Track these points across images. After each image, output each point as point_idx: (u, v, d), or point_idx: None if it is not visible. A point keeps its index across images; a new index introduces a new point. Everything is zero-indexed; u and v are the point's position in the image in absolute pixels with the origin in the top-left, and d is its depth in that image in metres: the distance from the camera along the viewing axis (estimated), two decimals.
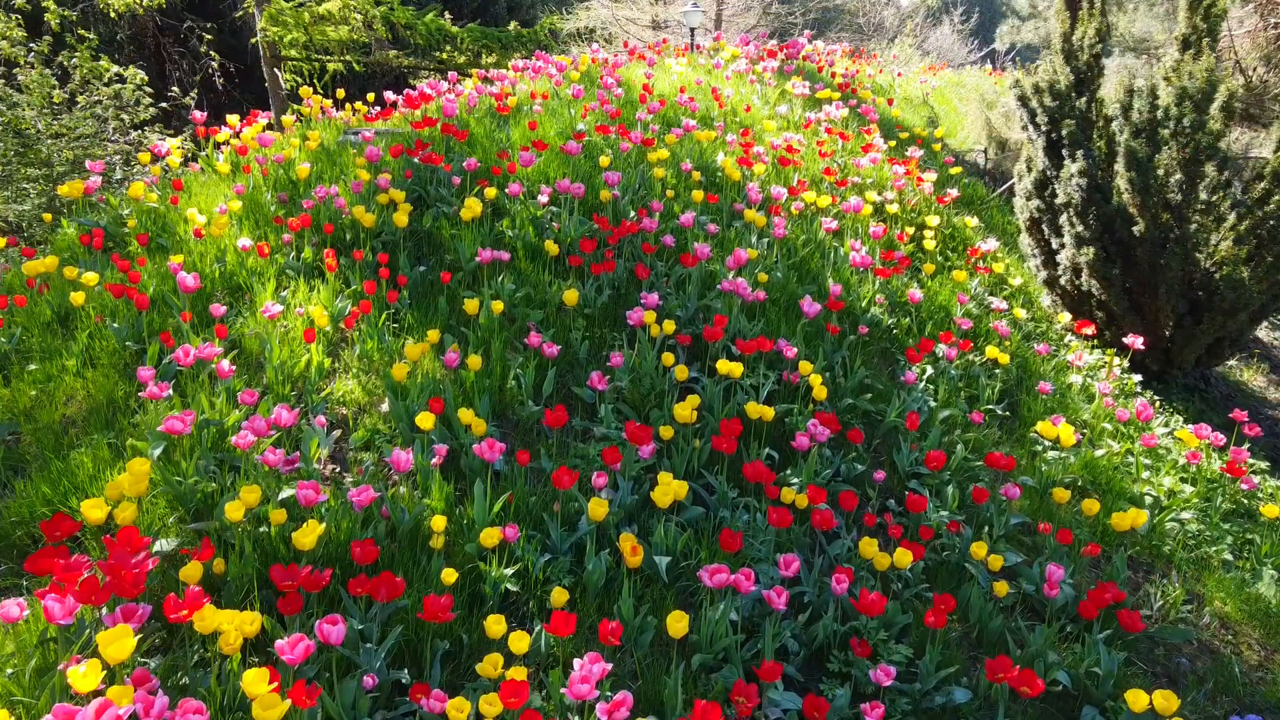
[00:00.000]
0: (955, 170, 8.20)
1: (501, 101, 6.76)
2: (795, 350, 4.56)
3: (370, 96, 8.25)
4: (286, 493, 3.50)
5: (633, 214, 5.56)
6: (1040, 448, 5.16)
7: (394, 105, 7.71)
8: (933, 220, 6.57)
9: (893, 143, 7.94)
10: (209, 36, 12.80)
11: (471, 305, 4.41)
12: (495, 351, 4.51)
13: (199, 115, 6.62)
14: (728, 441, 3.83)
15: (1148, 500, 4.93)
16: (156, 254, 5.41)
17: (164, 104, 11.71)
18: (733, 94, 7.94)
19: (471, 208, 5.05)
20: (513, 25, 14.09)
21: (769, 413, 4.07)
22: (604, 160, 5.75)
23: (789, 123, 7.89)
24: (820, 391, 4.35)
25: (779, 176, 6.67)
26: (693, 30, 16.94)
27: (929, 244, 6.36)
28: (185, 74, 17.25)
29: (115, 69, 11.22)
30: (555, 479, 3.45)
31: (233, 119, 6.67)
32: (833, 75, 9.55)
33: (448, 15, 15.33)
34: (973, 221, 6.86)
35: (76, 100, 11.00)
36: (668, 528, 3.55)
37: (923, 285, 6.16)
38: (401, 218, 4.93)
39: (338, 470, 4.02)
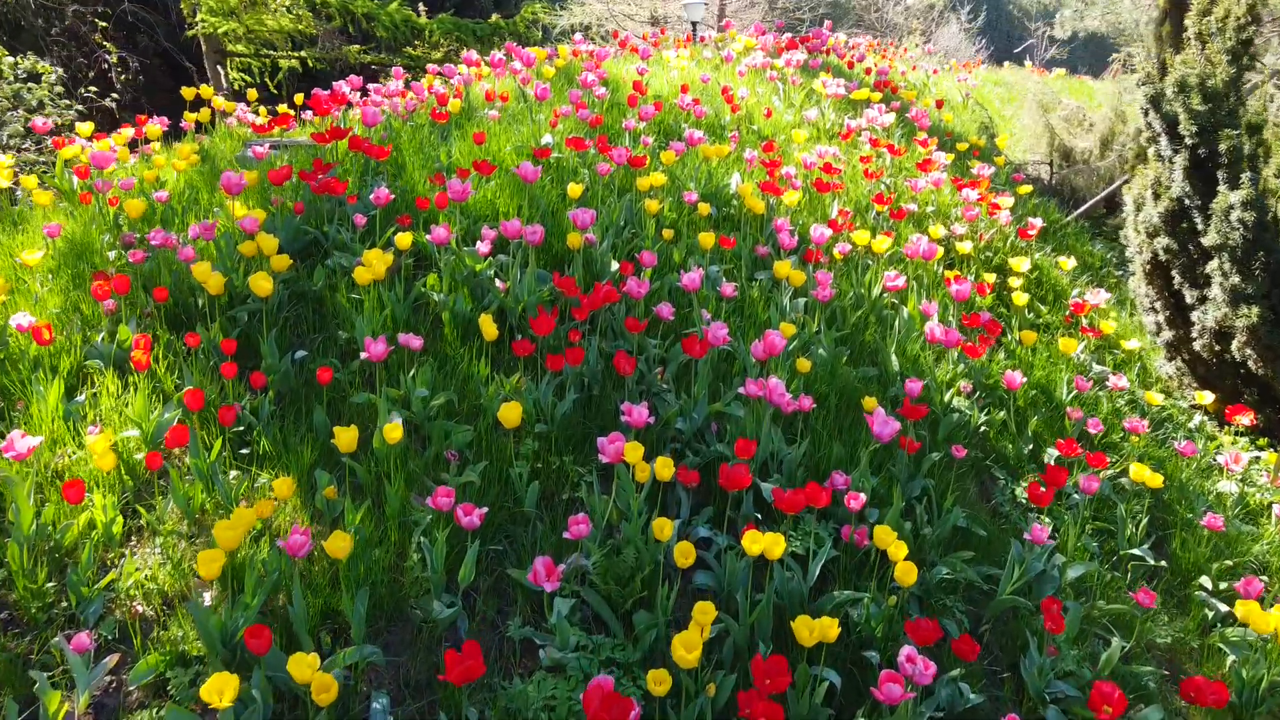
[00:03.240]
0: (1024, 189, 6.53)
1: (442, 105, 5.09)
2: (862, 499, 2.90)
3: (298, 98, 6.58)
4: None
5: (614, 268, 3.90)
6: (1209, 611, 3.51)
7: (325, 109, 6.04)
8: (1019, 263, 4.90)
9: (950, 156, 6.27)
10: (103, 24, 11.10)
11: (346, 438, 2.74)
12: (393, 503, 2.86)
13: (41, 124, 4.98)
14: (764, 705, 2.17)
15: None
16: None
17: (79, 106, 10.04)
18: (748, 94, 6.28)
19: (371, 266, 3.39)
20: (495, 18, 12.46)
21: (831, 631, 2.41)
22: (574, 189, 4.09)
23: (820, 131, 6.22)
24: (906, 573, 2.68)
25: (814, 207, 5.00)
26: (695, 25, 15.40)
27: (1018, 298, 4.69)
28: (131, 72, 15.64)
29: (21, 62, 9.56)
30: None
31: (85, 128, 5.02)
32: (867, 72, 7.88)
33: (422, 7, 13.75)
34: (1069, 263, 5.19)
35: None
36: None
37: (1017, 359, 4.50)
38: (263, 282, 3.27)
39: None
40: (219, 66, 11.59)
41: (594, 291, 3.42)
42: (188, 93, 5.85)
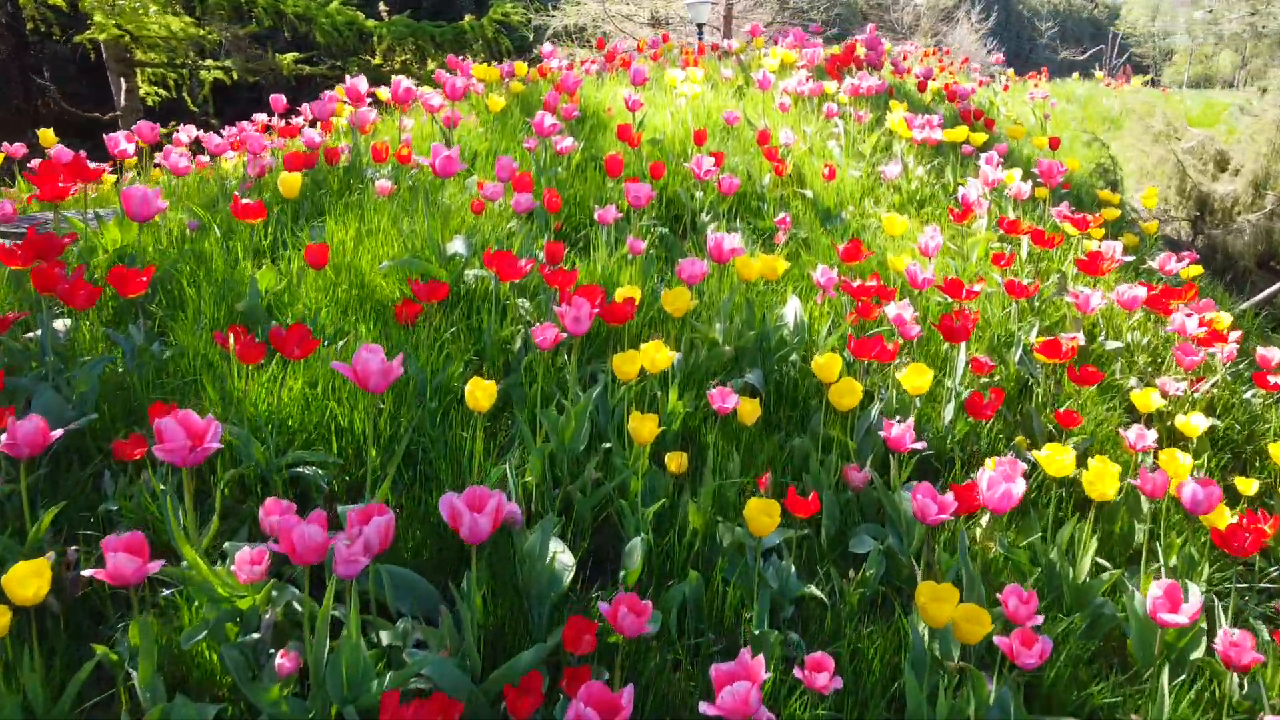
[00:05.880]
0: (1191, 272, 4.38)
1: (298, 168, 2.93)
2: None
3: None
4: None
5: (562, 579, 1.76)
6: None
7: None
8: None
9: (1099, 229, 4.12)
10: None
11: None
12: None
13: None
14: None
15: None
16: None
17: None
18: (793, 138, 4.12)
19: None
20: (468, 19, 10.35)
21: None
22: (479, 393, 1.94)
23: (905, 197, 4.06)
24: None
25: (939, 358, 2.85)
26: (700, 27, 13.33)
27: None
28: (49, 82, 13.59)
29: None
30: None
31: None
32: (950, 97, 5.71)
33: (383, 8, 11.71)
34: None
35: None
36: None
37: None
38: None
39: None
40: (122, 79, 9.49)
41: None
42: None
